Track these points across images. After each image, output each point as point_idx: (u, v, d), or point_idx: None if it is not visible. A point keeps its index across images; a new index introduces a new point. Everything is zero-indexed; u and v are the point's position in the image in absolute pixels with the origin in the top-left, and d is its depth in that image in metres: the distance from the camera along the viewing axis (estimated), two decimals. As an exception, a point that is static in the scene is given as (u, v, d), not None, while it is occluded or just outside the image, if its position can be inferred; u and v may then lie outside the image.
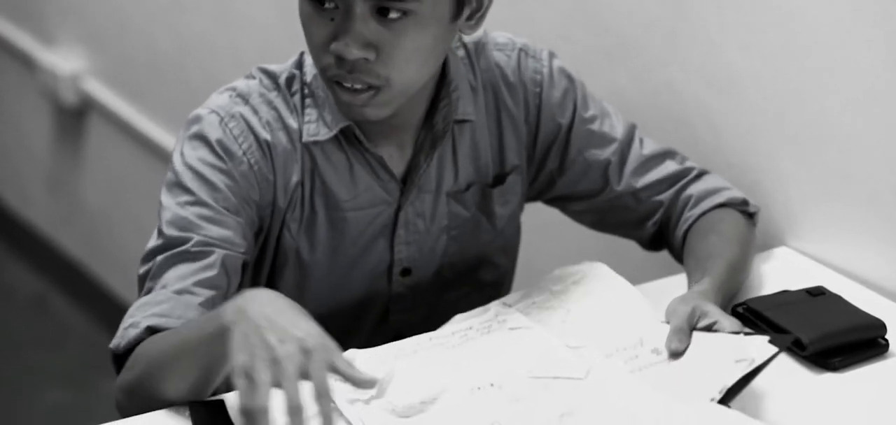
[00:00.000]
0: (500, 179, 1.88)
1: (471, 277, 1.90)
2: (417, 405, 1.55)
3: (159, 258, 1.69)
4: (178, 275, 1.67)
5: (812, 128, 2.00)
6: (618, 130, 1.93)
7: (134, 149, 3.43)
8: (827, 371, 1.74)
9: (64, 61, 3.58)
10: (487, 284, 1.92)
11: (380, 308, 1.86)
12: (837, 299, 1.85)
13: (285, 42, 2.86)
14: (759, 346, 1.57)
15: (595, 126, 1.91)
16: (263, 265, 1.81)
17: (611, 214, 1.95)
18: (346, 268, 1.82)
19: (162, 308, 1.64)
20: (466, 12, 1.70)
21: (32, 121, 3.83)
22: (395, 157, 1.80)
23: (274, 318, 1.42)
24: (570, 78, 1.91)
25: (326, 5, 1.65)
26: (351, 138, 1.77)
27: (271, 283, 1.82)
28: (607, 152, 1.92)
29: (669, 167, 1.95)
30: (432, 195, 1.83)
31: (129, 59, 3.37)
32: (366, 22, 1.63)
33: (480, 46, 1.86)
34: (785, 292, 1.86)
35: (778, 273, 1.97)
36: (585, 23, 2.25)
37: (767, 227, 2.07)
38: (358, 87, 1.67)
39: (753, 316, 1.80)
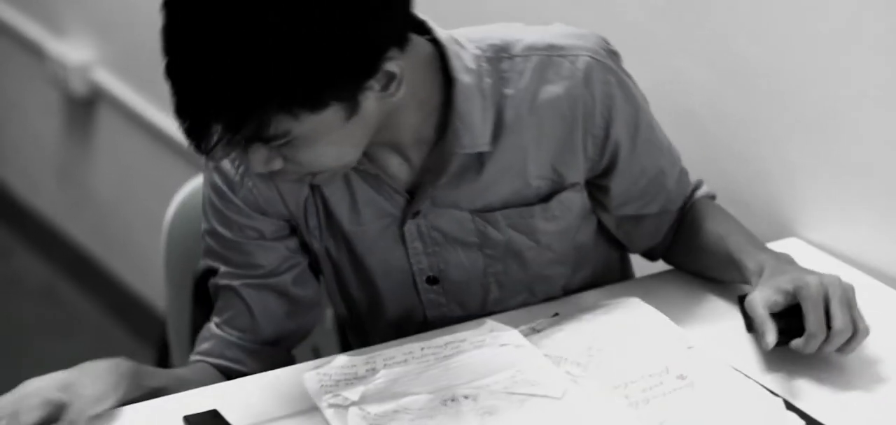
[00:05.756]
0: (547, 197, 1.78)
1: (524, 289, 1.84)
2: (390, 413, 1.57)
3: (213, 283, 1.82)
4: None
5: (821, 118, 2.00)
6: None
7: (143, 139, 3.43)
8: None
9: (73, 51, 3.59)
10: (544, 294, 1.86)
11: (418, 311, 1.83)
12: None
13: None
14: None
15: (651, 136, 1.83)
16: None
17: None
18: (370, 272, 1.81)
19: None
20: (373, 94, 1.57)
21: (42, 111, 3.84)
22: (402, 170, 1.73)
23: None
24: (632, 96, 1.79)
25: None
26: None
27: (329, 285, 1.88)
28: (663, 162, 1.85)
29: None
30: (452, 210, 1.76)
31: (139, 49, 3.37)
32: (257, 150, 1.56)
33: (531, 65, 1.72)
34: None
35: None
36: (593, 11, 2.25)
37: (776, 218, 2.07)
38: (293, 179, 1.66)
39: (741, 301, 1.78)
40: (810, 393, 1.66)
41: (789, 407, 1.61)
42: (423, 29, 1.68)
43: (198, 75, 1.50)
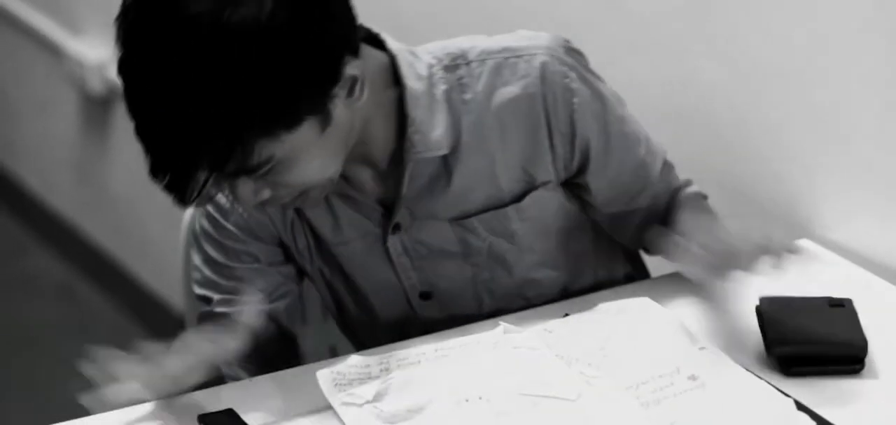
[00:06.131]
0: (519, 197, 1.79)
1: (517, 296, 1.84)
2: (403, 412, 1.58)
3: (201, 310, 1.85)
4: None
5: (837, 118, 1.99)
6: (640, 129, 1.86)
7: (160, 138, 3.44)
8: (787, 376, 1.69)
9: (91, 50, 3.60)
10: (538, 298, 1.85)
11: (416, 327, 1.83)
12: (849, 314, 1.76)
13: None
14: None
15: (625, 128, 1.82)
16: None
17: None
18: (363, 291, 1.83)
19: None
20: (341, 102, 1.61)
21: (59, 109, 3.85)
22: (377, 185, 1.76)
23: None
24: (599, 93, 1.79)
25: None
26: None
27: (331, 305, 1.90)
28: (641, 152, 1.84)
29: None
30: (432, 221, 1.77)
31: (156, 48, 3.38)
32: (244, 183, 1.61)
33: (487, 68, 1.74)
34: (805, 298, 1.79)
35: (801, 265, 1.95)
36: (609, 12, 2.25)
37: (793, 218, 2.07)
38: (285, 203, 1.69)
39: (758, 313, 1.77)
40: (821, 394, 1.65)
41: (800, 407, 1.61)
42: (379, 44, 1.71)
43: (174, 123, 1.54)
